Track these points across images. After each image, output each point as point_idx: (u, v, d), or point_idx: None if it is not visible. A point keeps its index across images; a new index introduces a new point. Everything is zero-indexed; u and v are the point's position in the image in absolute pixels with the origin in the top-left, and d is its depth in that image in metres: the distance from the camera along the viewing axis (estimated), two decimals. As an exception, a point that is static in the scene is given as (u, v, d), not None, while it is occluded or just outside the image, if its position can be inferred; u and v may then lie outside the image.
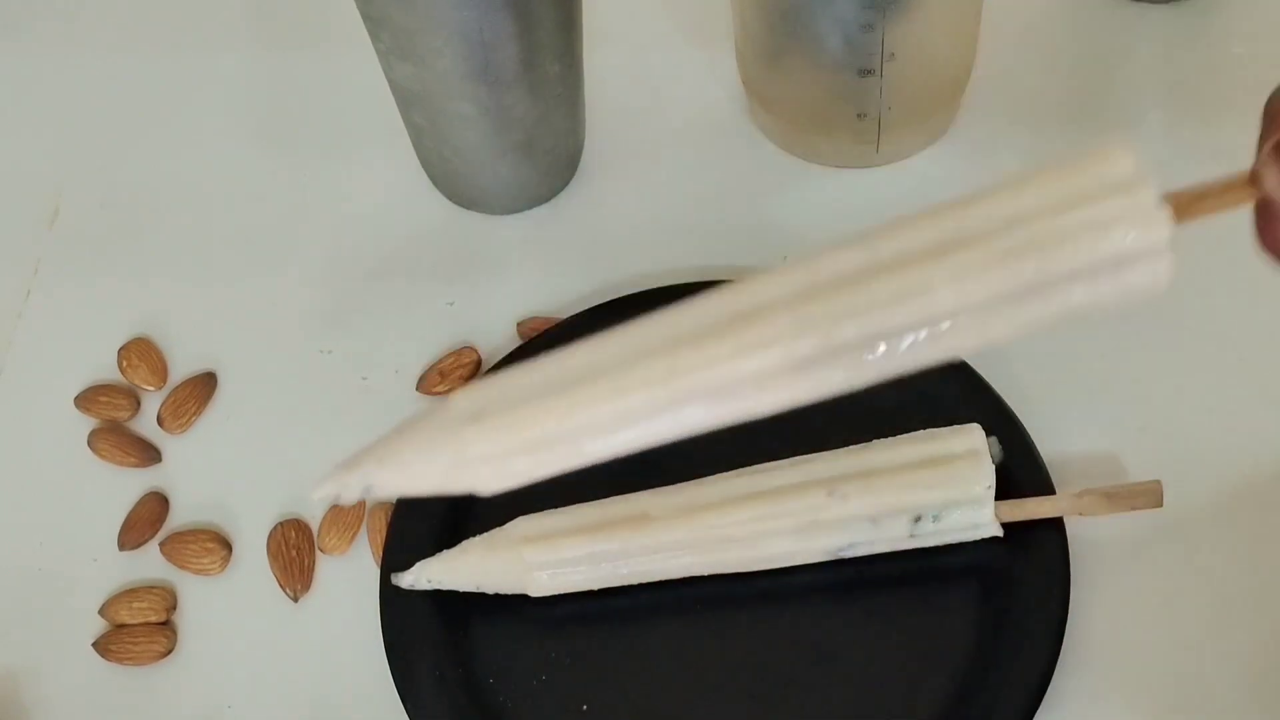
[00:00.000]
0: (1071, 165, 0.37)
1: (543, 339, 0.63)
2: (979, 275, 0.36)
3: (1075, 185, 0.36)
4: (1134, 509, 0.57)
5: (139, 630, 0.59)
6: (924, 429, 0.57)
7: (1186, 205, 0.38)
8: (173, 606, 0.60)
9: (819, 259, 0.37)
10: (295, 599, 0.60)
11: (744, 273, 0.65)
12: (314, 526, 0.61)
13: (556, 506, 0.57)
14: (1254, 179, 0.39)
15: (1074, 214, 0.36)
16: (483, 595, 0.57)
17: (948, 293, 0.36)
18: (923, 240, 0.36)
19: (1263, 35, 0.72)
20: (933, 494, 0.55)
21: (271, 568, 0.61)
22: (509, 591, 0.57)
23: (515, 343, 0.64)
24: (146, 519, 0.62)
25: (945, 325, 0.36)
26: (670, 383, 0.37)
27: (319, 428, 0.64)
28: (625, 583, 0.56)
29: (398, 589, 0.57)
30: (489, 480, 0.38)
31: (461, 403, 0.38)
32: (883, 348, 0.37)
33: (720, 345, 0.37)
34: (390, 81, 0.65)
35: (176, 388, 0.65)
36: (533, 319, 0.65)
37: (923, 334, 0.37)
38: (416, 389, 0.64)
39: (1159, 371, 0.62)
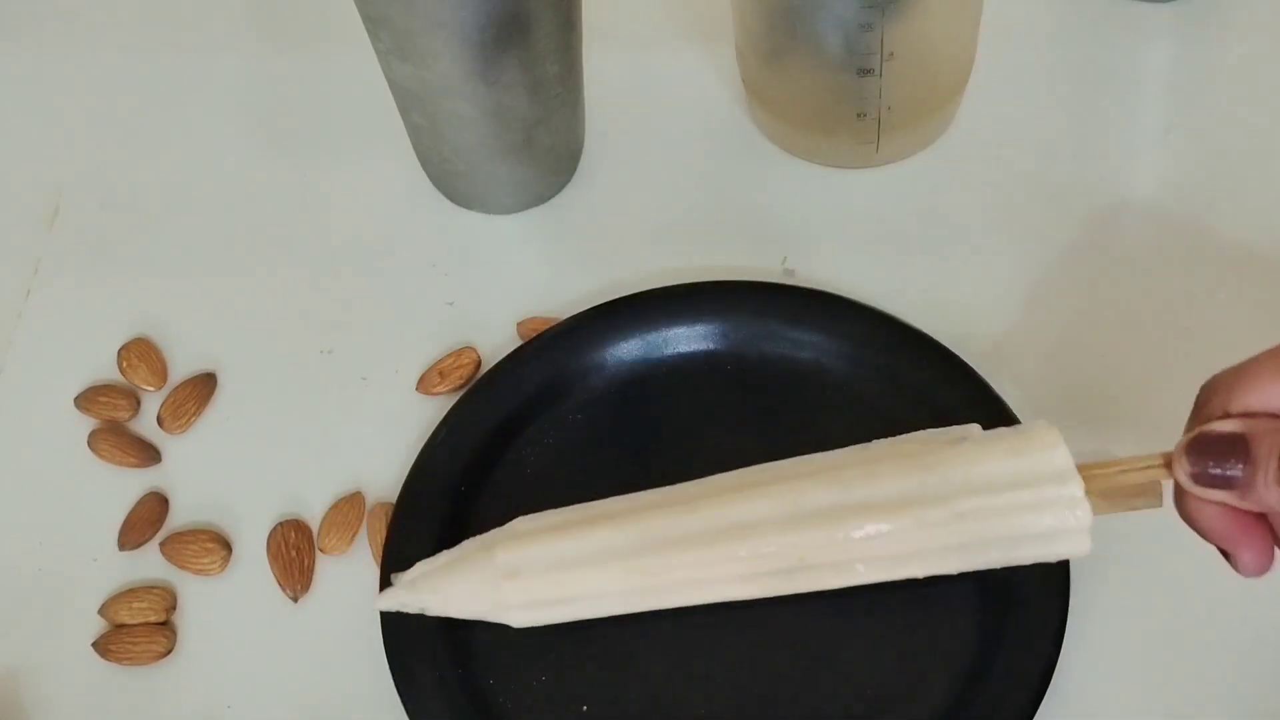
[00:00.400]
0: (1016, 448, 0.45)
1: (543, 339, 0.63)
2: (930, 532, 0.45)
3: (1017, 469, 0.45)
4: (1134, 509, 0.56)
5: (139, 630, 0.59)
6: (925, 429, 0.57)
7: (1105, 493, 0.46)
8: (172, 606, 0.60)
9: (802, 489, 0.47)
10: (295, 599, 0.60)
11: (738, 272, 0.65)
12: (314, 527, 0.61)
13: (557, 506, 0.57)
14: (1167, 463, 0.46)
15: (1015, 494, 0.44)
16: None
17: (899, 540, 0.46)
18: (886, 491, 0.45)
19: (1263, 35, 0.72)
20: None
21: (271, 568, 0.61)
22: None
23: (515, 343, 0.64)
24: (146, 519, 0.62)
25: (895, 564, 0.47)
26: (665, 575, 0.48)
27: (319, 428, 0.64)
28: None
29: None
30: (520, 619, 0.50)
31: (503, 556, 0.48)
32: (831, 576, 0.47)
33: (710, 552, 0.47)
34: (390, 82, 0.65)
35: (176, 388, 0.65)
36: (533, 319, 0.65)
37: (873, 566, 0.47)
38: (416, 389, 0.64)
39: (1159, 372, 0.62)
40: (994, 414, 0.58)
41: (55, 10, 0.79)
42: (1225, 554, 0.46)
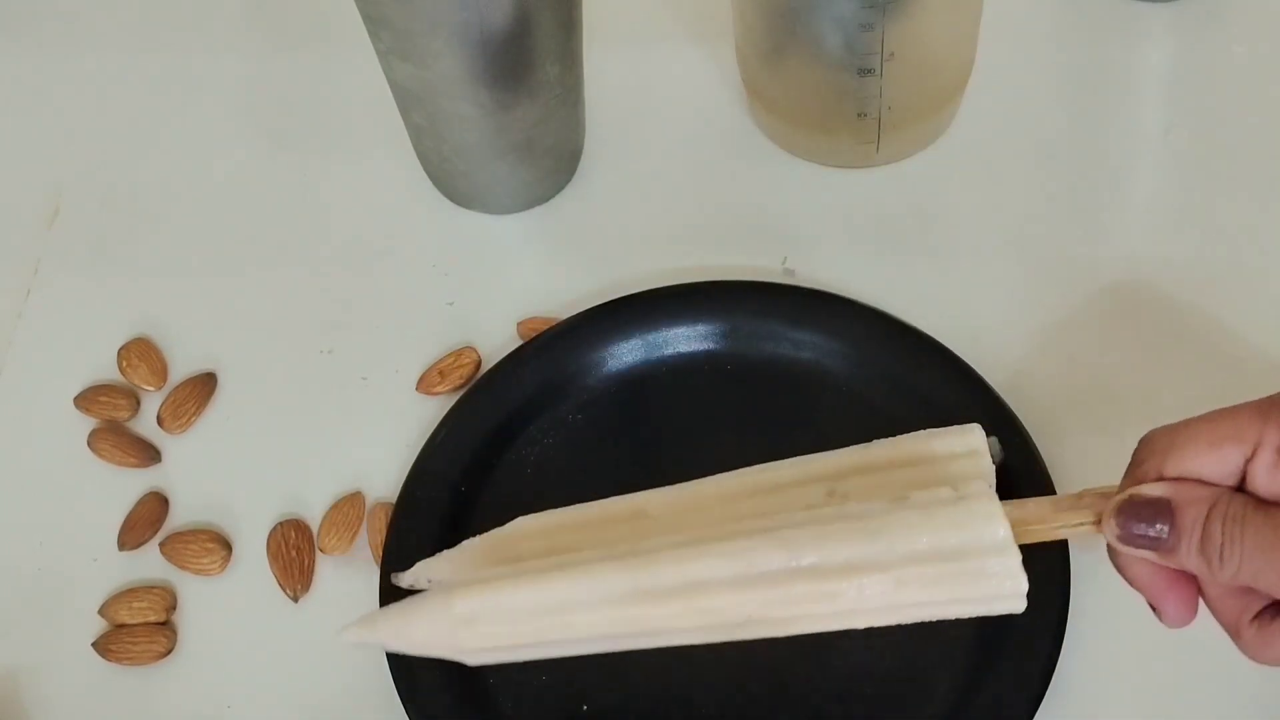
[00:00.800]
0: (958, 520, 0.48)
1: (543, 339, 0.63)
2: (873, 594, 0.48)
3: (959, 541, 0.47)
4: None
5: (139, 630, 0.59)
6: (925, 429, 0.57)
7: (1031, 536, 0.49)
8: (172, 606, 0.60)
9: (755, 550, 0.49)
10: (295, 599, 0.60)
11: (738, 272, 0.65)
12: (314, 527, 0.61)
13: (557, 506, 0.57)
14: (1099, 520, 0.48)
15: (955, 564, 0.47)
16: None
17: (842, 601, 0.49)
18: (833, 558, 0.48)
19: (1263, 35, 0.72)
20: (932, 494, 0.55)
21: (271, 568, 0.61)
22: None
23: (515, 343, 0.64)
24: (146, 519, 0.62)
25: (836, 619, 0.50)
26: (621, 627, 0.49)
27: (319, 427, 0.64)
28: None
29: (398, 589, 0.57)
30: (475, 660, 0.50)
31: (460, 608, 0.49)
32: (777, 629, 0.50)
33: (664, 608, 0.49)
34: (390, 82, 0.65)
35: (176, 388, 0.65)
36: (532, 319, 0.65)
37: (816, 621, 0.49)
38: (416, 389, 0.64)
39: (1159, 371, 0.62)
40: (993, 413, 0.59)
41: (55, 10, 0.79)
42: (1151, 605, 0.49)
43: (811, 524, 0.49)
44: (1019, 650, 0.54)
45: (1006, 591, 0.48)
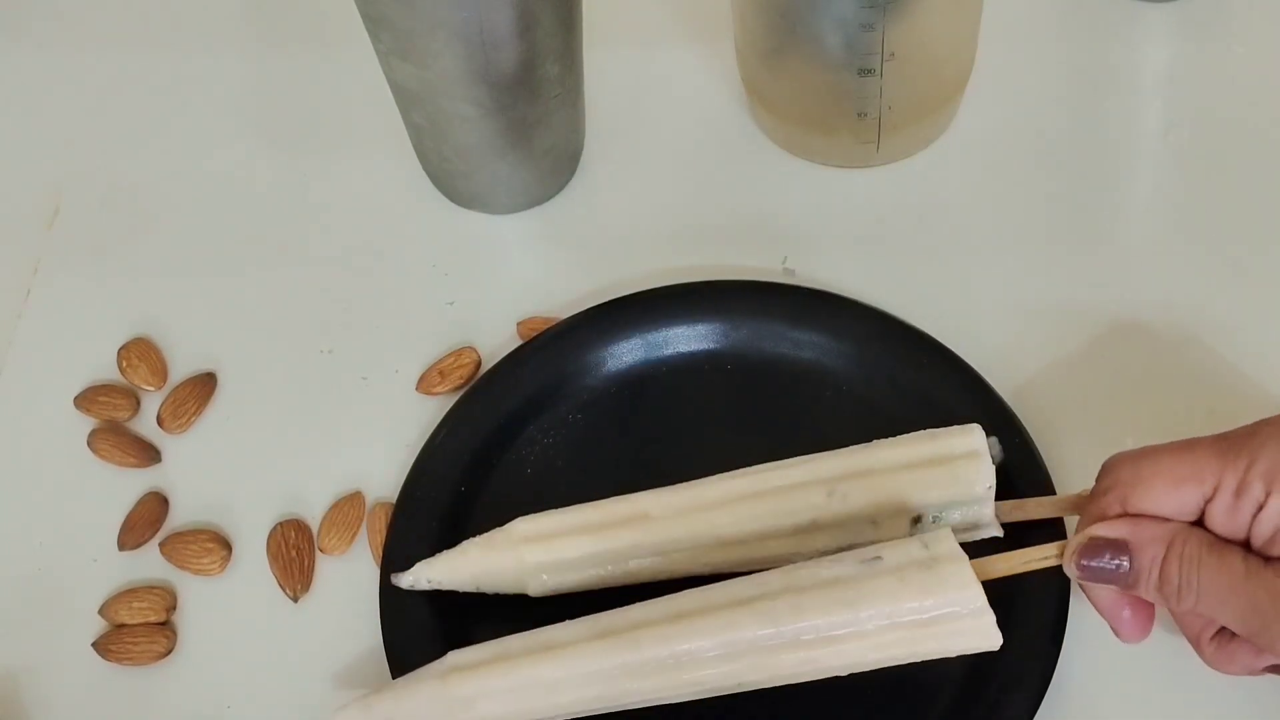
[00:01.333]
0: (929, 588, 0.50)
1: (543, 338, 0.63)
2: (852, 655, 0.51)
3: (936, 607, 0.50)
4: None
5: (139, 630, 0.59)
6: (925, 429, 0.57)
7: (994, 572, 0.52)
8: (172, 607, 0.60)
9: (737, 622, 0.51)
10: (295, 599, 0.60)
11: (738, 271, 0.65)
12: (314, 527, 0.61)
13: (556, 507, 0.57)
14: (1062, 552, 0.51)
15: (936, 627, 0.51)
16: (482, 596, 0.57)
17: (824, 663, 0.52)
18: (814, 626, 0.51)
19: (1263, 35, 0.72)
20: (933, 494, 0.55)
21: (271, 568, 0.61)
22: (508, 591, 0.57)
23: (515, 342, 0.64)
24: (146, 519, 0.62)
25: (821, 673, 0.53)
26: (613, 700, 0.52)
27: (319, 428, 0.64)
28: (624, 583, 0.56)
29: (397, 589, 0.57)
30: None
31: (459, 691, 0.52)
32: (761, 684, 0.53)
33: (651, 682, 0.52)
34: (390, 82, 0.65)
35: (176, 388, 0.65)
36: (532, 319, 0.65)
37: (801, 677, 0.53)
38: (416, 389, 0.64)
39: (1158, 372, 0.62)
40: (993, 414, 0.59)
41: (54, 10, 0.79)
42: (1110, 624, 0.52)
43: (788, 593, 0.52)
44: (1019, 650, 0.54)
45: (981, 645, 0.51)
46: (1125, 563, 0.49)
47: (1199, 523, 0.49)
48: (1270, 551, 0.47)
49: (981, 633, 0.51)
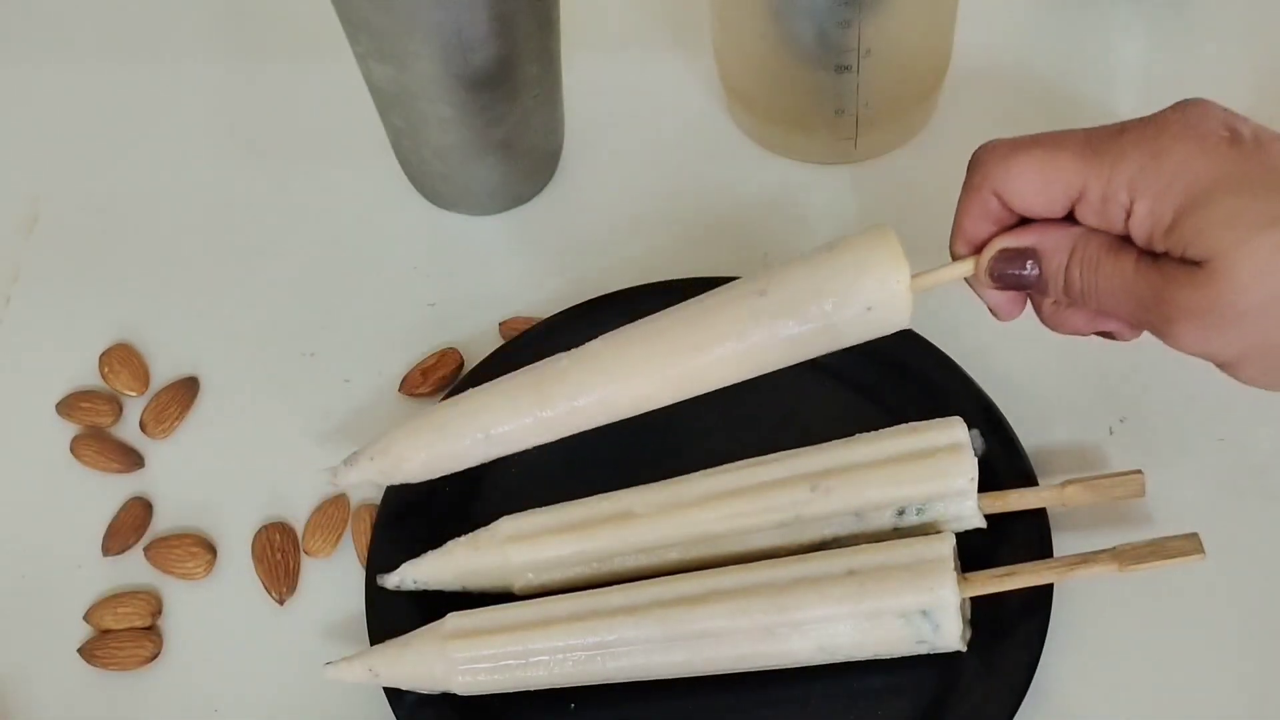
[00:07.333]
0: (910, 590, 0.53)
1: (525, 338, 0.63)
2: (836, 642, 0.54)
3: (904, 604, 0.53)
4: (1116, 499, 0.57)
5: (124, 635, 0.59)
6: (905, 423, 0.57)
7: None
8: (158, 611, 0.60)
9: (742, 609, 0.54)
10: (281, 602, 0.60)
11: (719, 269, 0.65)
12: (299, 529, 0.61)
13: (541, 505, 0.58)
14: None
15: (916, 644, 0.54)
16: (467, 595, 0.57)
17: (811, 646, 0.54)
18: (815, 615, 0.53)
19: (1234, 32, 0.72)
20: (916, 488, 0.55)
21: (256, 571, 0.61)
22: (494, 590, 0.57)
23: (497, 342, 0.64)
24: (130, 524, 0.62)
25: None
26: (613, 668, 0.55)
27: (303, 430, 0.64)
28: (609, 580, 0.56)
29: (383, 590, 0.57)
30: (463, 690, 0.55)
31: (457, 655, 0.54)
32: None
33: (654, 660, 0.54)
34: (369, 84, 0.65)
35: (158, 393, 0.65)
36: (514, 319, 0.65)
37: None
38: (399, 390, 0.64)
39: (1139, 362, 0.62)
40: (976, 406, 0.59)
41: (33, 21, 0.79)
42: (991, 310, 0.55)
43: (793, 589, 0.53)
44: (1003, 640, 0.54)
45: (951, 647, 0.54)
46: (1036, 269, 0.51)
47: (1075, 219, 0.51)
48: (1155, 249, 0.49)
49: (950, 642, 0.53)
